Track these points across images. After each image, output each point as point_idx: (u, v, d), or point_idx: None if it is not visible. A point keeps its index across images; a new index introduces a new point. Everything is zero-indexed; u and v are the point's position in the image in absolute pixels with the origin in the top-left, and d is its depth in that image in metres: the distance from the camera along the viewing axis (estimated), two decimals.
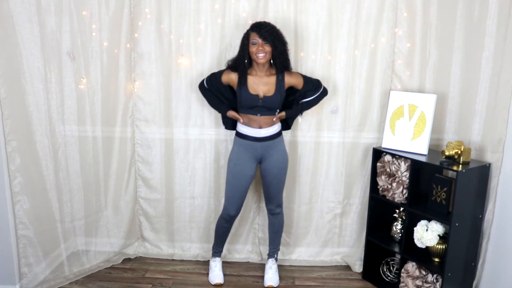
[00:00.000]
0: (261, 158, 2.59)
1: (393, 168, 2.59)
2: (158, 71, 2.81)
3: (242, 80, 2.48)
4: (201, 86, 2.65)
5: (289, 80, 2.54)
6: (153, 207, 3.06)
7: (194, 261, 3.03)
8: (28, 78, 2.39)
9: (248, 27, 2.64)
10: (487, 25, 2.39)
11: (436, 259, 2.50)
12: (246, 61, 2.45)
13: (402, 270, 2.62)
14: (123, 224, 3.00)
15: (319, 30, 2.72)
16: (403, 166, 2.55)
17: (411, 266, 2.58)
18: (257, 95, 2.47)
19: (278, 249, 2.84)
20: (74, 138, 2.67)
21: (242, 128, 2.56)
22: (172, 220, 3.05)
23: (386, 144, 2.69)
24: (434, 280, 2.47)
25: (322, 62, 2.76)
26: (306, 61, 2.76)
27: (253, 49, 2.41)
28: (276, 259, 2.84)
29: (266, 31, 2.38)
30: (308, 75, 2.78)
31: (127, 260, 3.02)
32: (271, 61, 2.48)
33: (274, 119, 2.53)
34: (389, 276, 2.81)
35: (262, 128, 2.53)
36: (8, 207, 2.41)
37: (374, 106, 2.82)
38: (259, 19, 2.69)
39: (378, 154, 2.72)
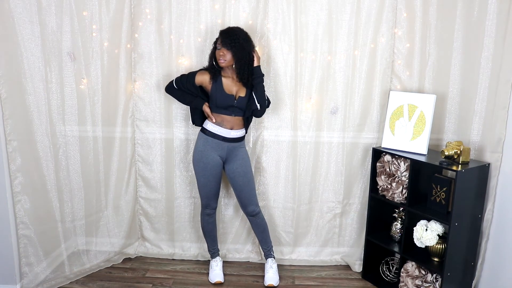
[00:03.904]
0: (226, 158, 2.65)
1: (393, 168, 2.60)
2: (158, 71, 2.82)
3: (216, 80, 2.55)
4: (169, 88, 2.67)
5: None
6: (153, 207, 3.06)
7: (194, 261, 3.04)
8: (29, 78, 2.40)
9: (248, 27, 2.66)
10: (487, 25, 2.40)
11: (436, 259, 2.51)
12: (214, 63, 2.56)
13: (402, 269, 2.62)
14: (124, 224, 3.01)
15: (319, 30, 2.72)
16: (403, 166, 2.55)
17: (410, 266, 2.58)
18: (232, 95, 2.55)
19: (272, 246, 2.85)
20: (74, 138, 2.68)
21: (213, 128, 2.59)
22: (172, 220, 3.06)
23: (386, 144, 2.69)
24: (434, 280, 2.47)
25: (322, 62, 2.77)
26: (306, 61, 2.77)
27: (217, 53, 2.51)
28: (274, 257, 2.84)
29: (228, 38, 2.46)
30: (308, 75, 2.79)
31: (127, 259, 3.02)
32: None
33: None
34: (388, 275, 2.82)
35: (233, 130, 2.60)
36: (9, 207, 2.42)
37: (374, 106, 2.82)
38: (259, 19, 2.70)
39: (377, 154, 2.72)
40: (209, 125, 2.61)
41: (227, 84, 2.56)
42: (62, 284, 2.66)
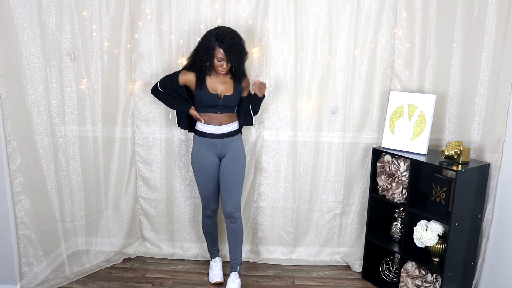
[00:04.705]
0: (221, 155, 2.62)
1: (393, 168, 2.60)
2: (158, 71, 2.81)
3: (201, 81, 2.50)
4: (155, 90, 2.65)
5: (243, 83, 2.60)
6: (153, 207, 3.06)
7: (194, 261, 3.04)
8: (29, 78, 2.40)
9: (248, 27, 2.65)
10: (487, 25, 2.40)
11: (436, 259, 2.51)
12: (208, 64, 2.45)
13: (402, 269, 2.62)
14: (124, 224, 3.01)
15: (319, 30, 2.72)
16: (403, 166, 2.55)
17: (410, 266, 2.58)
18: (217, 95, 2.51)
19: (241, 261, 2.72)
20: (74, 138, 2.68)
21: (202, 127, 2.58)
22: (172, 220, 3.06)
23: (386, 144, 2.69)
24: (434, 280, 2.47)
25: (322, 62, 2.77)
26: (306, 61, 2.77)
27: (217, 63, 2.44)
28: (240, 273, 2.72)
29: (232, 53, 2.38)
30: (308, 75, 2.79)
31: (127, 259, 3.03)
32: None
33: (252, 84, 2.51)
34: (388, 275, 2.82)
35: (223, 125, 2.57)
36: (9, 207, 2.42)
37: (374, 106, 2.82)
38: (259, 19, 2.70)
39: (377, 154, 2.72)
40: (199, 126, 2.60)
41: (211, 83, 2.52)
42: (62, 284, 2.66)
